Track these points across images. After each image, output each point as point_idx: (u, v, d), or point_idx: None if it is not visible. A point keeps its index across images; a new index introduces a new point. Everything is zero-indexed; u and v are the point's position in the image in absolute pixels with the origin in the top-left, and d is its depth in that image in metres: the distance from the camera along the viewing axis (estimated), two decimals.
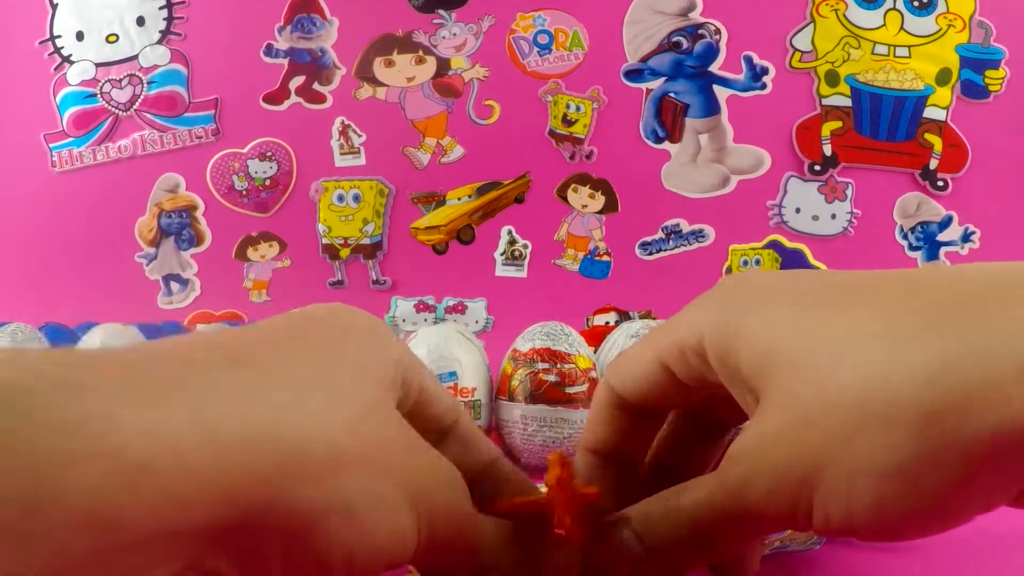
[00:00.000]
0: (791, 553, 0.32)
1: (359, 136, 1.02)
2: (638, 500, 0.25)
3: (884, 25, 0.98)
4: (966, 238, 0.98)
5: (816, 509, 0.20)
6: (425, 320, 0.98)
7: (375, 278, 1.02)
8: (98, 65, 1.04)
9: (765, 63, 0.99)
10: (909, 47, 0.98)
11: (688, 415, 0.28)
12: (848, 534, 0.20)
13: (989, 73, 0.98)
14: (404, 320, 0.99)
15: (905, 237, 0.99)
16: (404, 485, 0.21)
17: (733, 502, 0.22)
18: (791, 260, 0.98)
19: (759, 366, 0.22)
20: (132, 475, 0.16)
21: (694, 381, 0.25)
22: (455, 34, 1.02)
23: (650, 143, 1.00)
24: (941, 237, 0.98)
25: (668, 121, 1.00)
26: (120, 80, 1.04)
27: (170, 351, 0.19)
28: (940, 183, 0.98)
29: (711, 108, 1.00)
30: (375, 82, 1.03)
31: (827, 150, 0.99)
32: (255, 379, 0.19)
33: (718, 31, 1.00)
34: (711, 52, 1.00)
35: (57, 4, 1.05)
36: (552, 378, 0.48)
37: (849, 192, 0.99)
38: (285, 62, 1.03)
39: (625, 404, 0.27)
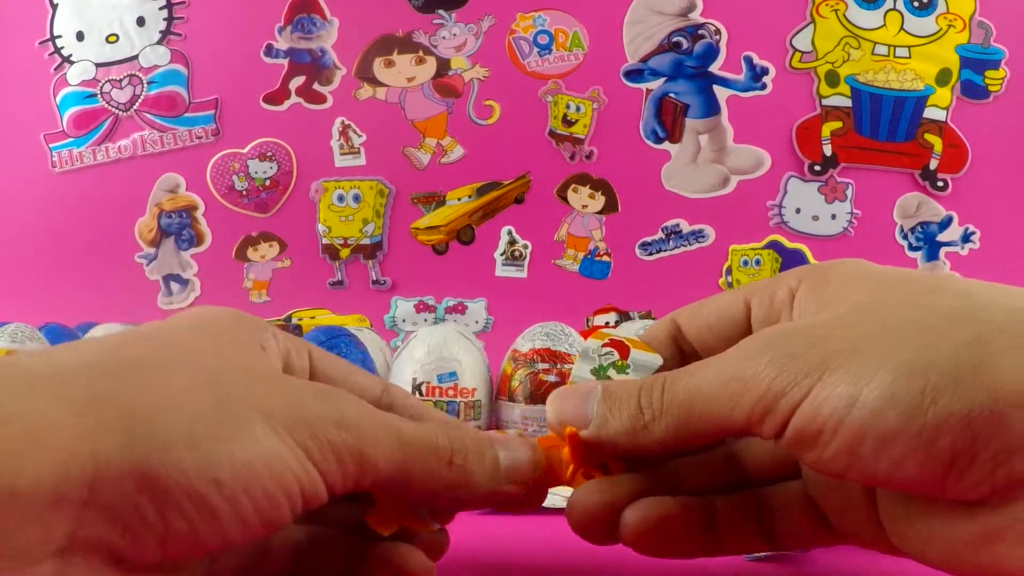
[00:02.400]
0: (791, 554, 0.32)
1: (359, 136, 1.02)
2: None
3: (884, 25, 0.98)
4: (966, 238, 0.98)
5: (823, 391, 0.21)
6: (425, 320, 0.98)
7: (375, 278, 1.02)
8: (98, 65, 1.04)
9: (765, 63, 0.99)
10: (909, 47, 0.98)
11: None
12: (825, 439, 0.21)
13: (989, 73, 0.98)
14: (404, 320, 0.99)
15: (905, 237, 0.99)
16: (288, 430, 0.22)
17: (731, 379, 0.23)
18: (791, 260, 0.98)
19: (831, 300, 0.24)
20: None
21: (764, 319, 0.27)
22: (455, 34, 1.02)
23: (650, 143, 1.00)
24: (941, 237, 0.98)
25: (668, 121, 1.00)
26: (120, 80, 1.04)
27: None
28: (940, 183, 0.98)
29: (711, 108, 1.00)
30: (375, 82, 1.03)
31: (827, 150, 0.99)
32: (141, 372, 0.22)
33: (718, 31, 1.00)
34: (711, 52, 1.00)
35: (57, 4, 1.05)
36: (552, 378, 0.48)
37: (849, 192, 0.99)
38: (285, 62, 1.03)
39: (680, 338, 0.29)
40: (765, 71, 0.99)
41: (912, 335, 0.21)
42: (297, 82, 1.03)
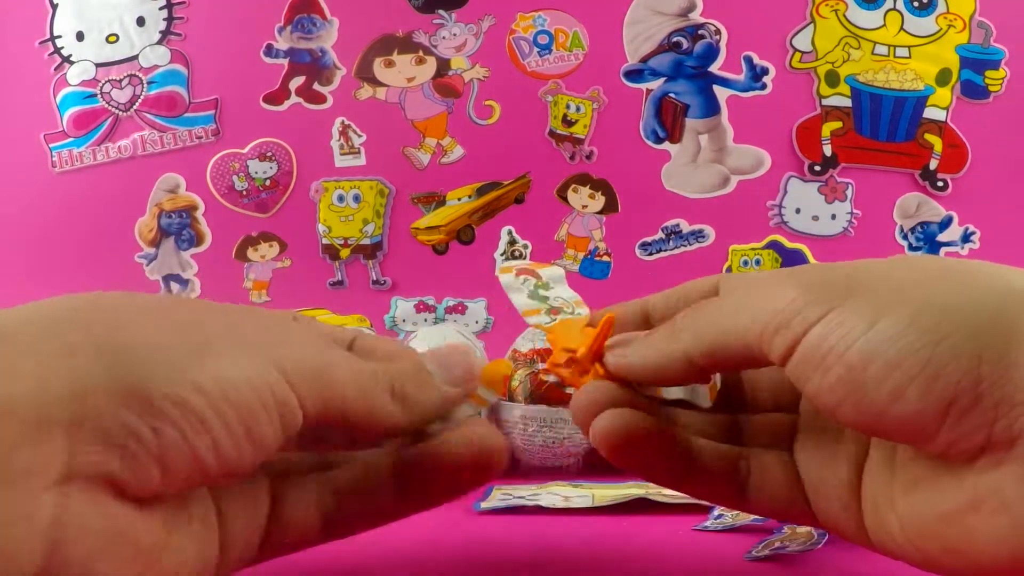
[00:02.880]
0: (791, 554, 0.32)
1: (359, 136, 1.02)
2: None
3: (884, 25, 0.99)
4: (966, 238, 0.98)
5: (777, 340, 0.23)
6: (425, 320, 0.98)
7: (375, 278, 1.02)
8: (98, 65, 1.04)
9: (765, 63, 0.99)
10: (909, 47, 0.98)
11: None
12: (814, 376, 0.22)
13: (989, 73, 0.98)
14: (404, 320, 0.99)
15: (905, 237, 0.99)
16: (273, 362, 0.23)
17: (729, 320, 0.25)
18: (791, 260, 0.98)
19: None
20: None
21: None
22: (455, 34, 1.02)
23: (650, 143, 1.00)
24: (941, 237, 0.98)
25: (668, 121, 1.00)
26: (120, 80, 1.04)
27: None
28: (940, 183, 0.98)
29: (711, 108, 1.00)
30: (375, 82, 1.03)
31: (827, 150, 0.99)
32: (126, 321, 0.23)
33: (718, 31, 1.00)
34: (711, 52, 1.00)
35: (57, 4, 1.05)
36: (552, 378, 0.48)
37: (849, 192, 0.99)
38: (285, 62, 1.03)
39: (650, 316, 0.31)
40: (765, 71, 0.99)
41: (940, 283, 0.22)
42: (297, 82, 1.03)
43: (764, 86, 0.99)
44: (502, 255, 1.01)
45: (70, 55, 1.05)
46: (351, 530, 0.28)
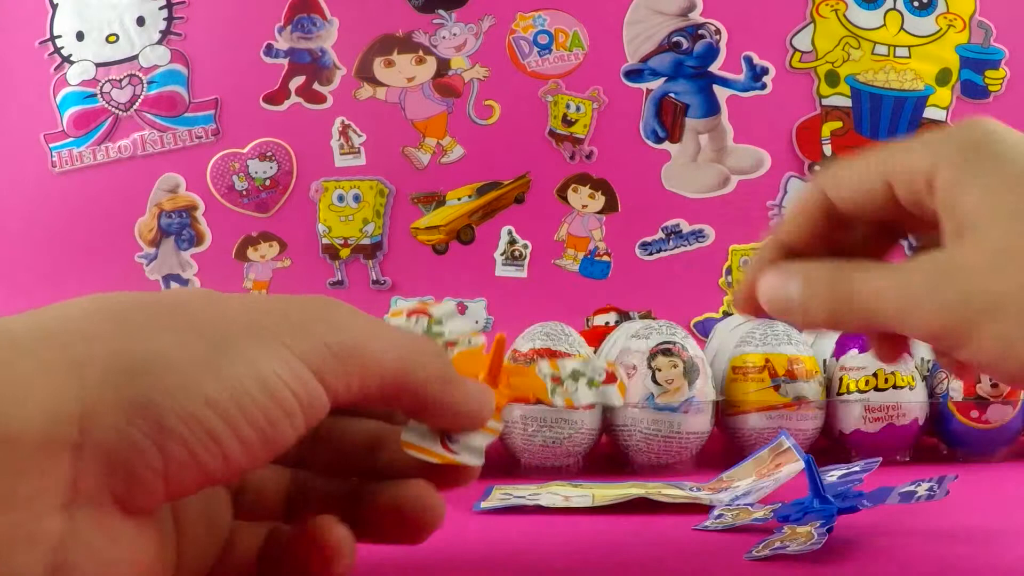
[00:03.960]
0: (791, 554, 0.32)
1: (359, 136, 1.02)
2: None
3: (884, 25, 0.98)
4: None
5: (980, 341, 0.23)
6: None
7: (375, 278, 1.02)
8: (98, 65, 1.04)
9: (765, 63, 0.99)
10: (909, 47, 0.98)
11: (877, 225, 0.31)
12: (990, 373, 0.25)
13: (989, 73, 0.98)
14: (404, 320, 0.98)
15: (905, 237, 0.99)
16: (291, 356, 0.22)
17: (905, 305, 0.25)
18: None
19: (980, 215, 0.25)
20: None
21: (911, 203, 0.28)
22: (455, 34, 1.02)
23: (650, 143, 1.00)
24: None
25: (668, 121, 1.00)
26: (120, 80, 1.04)
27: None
28: None
29: (711, 108, 1.00)
30: (375, 82, 1.03)
31: (827, 150, 0.99)
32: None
33: (718, 31, 1.00)
34: (711, 52, 1.00)
35: (57, 4, 1.05)
36: None
37: None
38: (285, 62, 1.03)
39: (829, 209, 0.30)
40: (765, 71, 0.99)
41: None
42: (297, 82, 1.03)
43: (764, 86, 0.99)
44: (502, 255, 1.01)
45: (70, 55, 1.05)
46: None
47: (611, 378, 0.32)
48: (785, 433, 0.47)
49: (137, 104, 1.04)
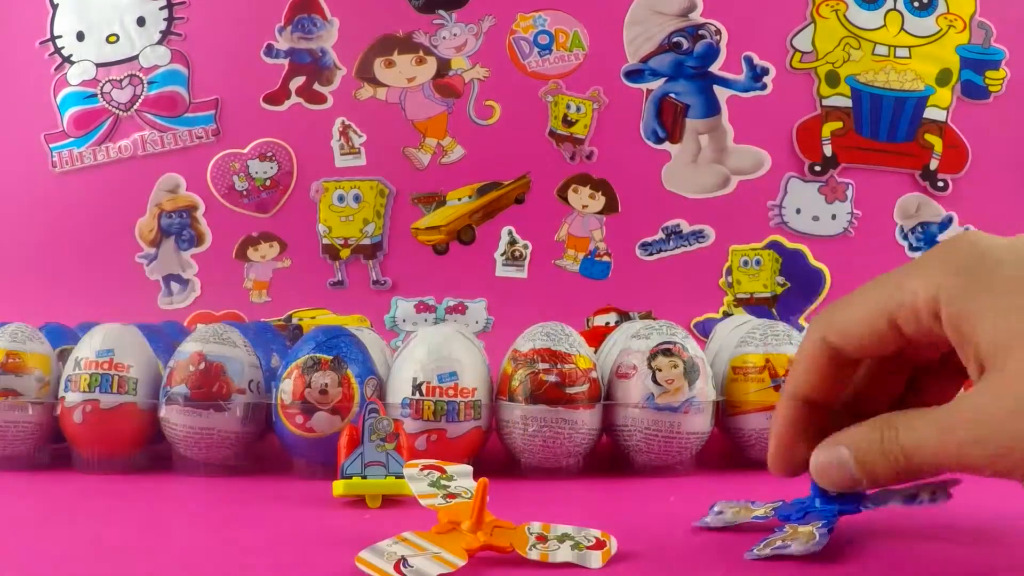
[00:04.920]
0: (792, 554, 0.32)
1: (359, 136, 1.02)
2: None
3: (884, 26, 0.98)
4: None
5: None
6: (425, 320, 0.98)
7: (375, 278, 1.02)
8: (98, 65, 1.04)
9: (765, 63, 0.99)
10: (909, 48, 0.98)
11: (886, 357, 0.31)
12: None
13: (989, 74, 0.98)
14: (404, 320, 0.99)
15: (905, 238, 0.99)
16: None
17: (955, 451, 0.26)
18: (791, 260, 0.98)
19: (997, 346, 0.25)
20: None
21: (920, 336, 0.28)
22: (455, 34, 1.02)
23: (650, 143, 1.00)
24: (941, 238, 0.98)
25: (668, 121, 1.00)
26: (120, 80, 1.04)
27: None
28: (940, 183, 0.98)
29: (711, 108, 1.00)
30: (375, 82, 1.03)
31: (827, 151, 0.99)
32: None
33: (718, 32, 1.00)
34: (711, 52, 1.00)
35: (57, 4, 1.05)
36: (552, 378, 0.48)
37: (849, 193, 0.99)
38: (285, 62, 1.03)
39: (836, 354, 0.30)
40: (765, 71, 0.99)
41: None
42: (297, 82, 1.03)
43: (764, 86, 0.99)
44: (502, 255, 1.01)
45: (70, 55, 1.05)
46: None
47: (599, 545, 0.33)
48: None
49: (137, 104, 1.04)
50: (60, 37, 1.05)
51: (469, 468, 0.38)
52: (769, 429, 0.33)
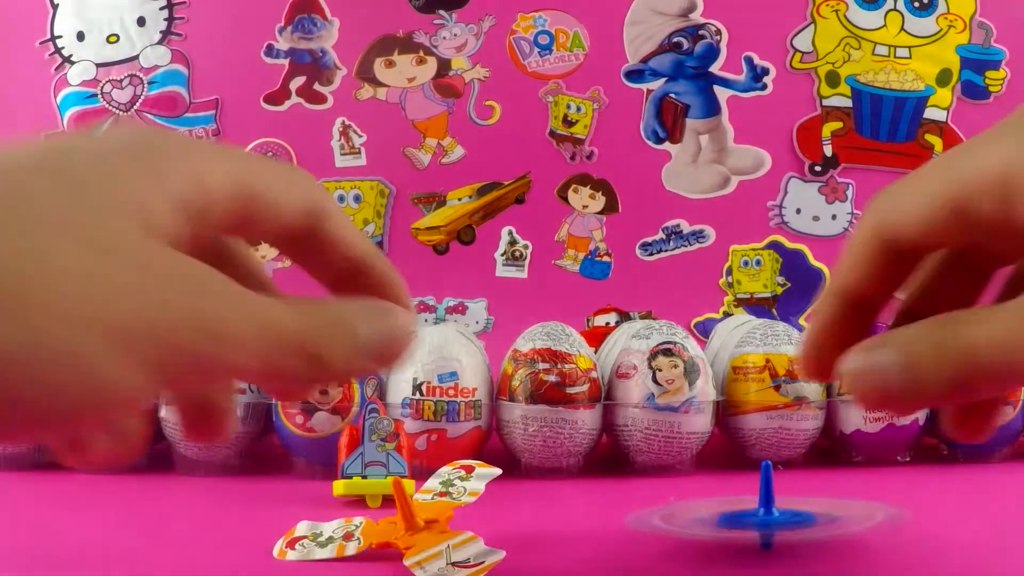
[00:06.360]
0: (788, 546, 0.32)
1: (360, 136, 1.02)
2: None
3: (885, 26, 0.98)
4: None
5: None
6: (426, 320, 0.98)
7: None
8: (99, 65, 1.04)
9: (766, 64, 0.99)
10: (909, 48, 0.98)
11: (955, 252, 0.27)
12: None
13: (989, 74, 0.98)
14: None
15: None
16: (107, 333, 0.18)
17: None
18: (792, 260, 0.98)
19: None
20: None
21: (992, 223, 0.23)
22: (456, 35, 1.02)
23: (650, 144, 1.00)
24: None
25: (668, 122, 1.00)
26: (121, 80, 1.04)
27: None
28: None
29: (712, 109, 1.00)
30: (376, 82, 1.03)
31: (828, 151, 0.99)
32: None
33: (719, 32, 1.00)
34: (712, 53, 1.00)
35: (57, 4, 1.05)
36: (553, 378, 0.48)
37: (850, 193, 0.99)
38: (286, 62, 1.03)
39: (891, 244, 0.25)
40: (766, 71, 0.99)
41: None
42: (297, 82, 1.03)
43: (764, 86, 0.99)
44: (502, 255, 1.01)
45: (71, 55, 1.05)
46: None
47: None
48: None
49: (138, 104, 1.04)
50: (60, 37, 1.05)
51: (495, 471, 0.38)
52: (804, 333, 0.27)
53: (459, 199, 1.01)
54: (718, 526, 0.33)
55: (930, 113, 0.98)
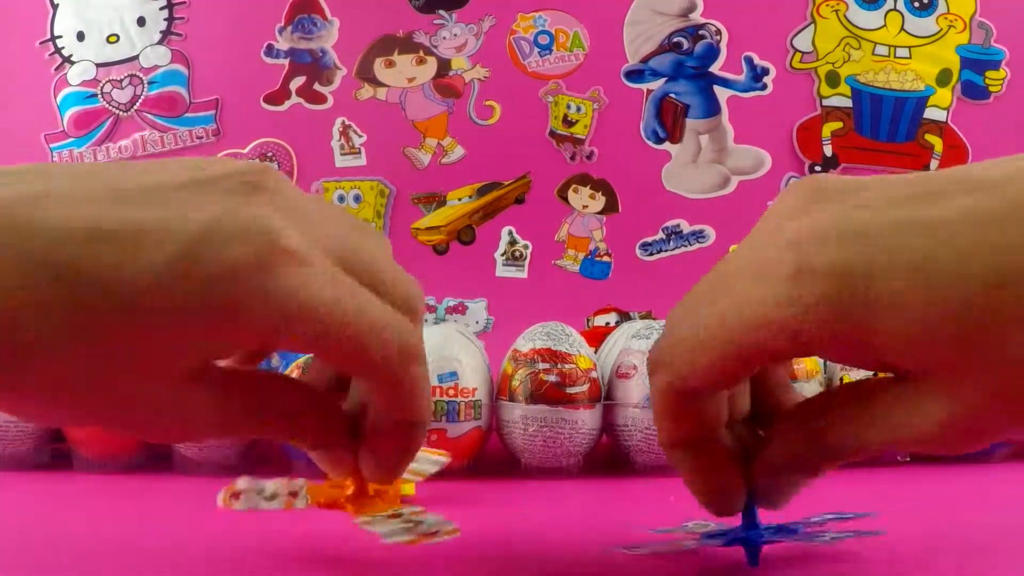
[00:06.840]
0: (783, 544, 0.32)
1: (360, 136, 1.02)
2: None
3: (885, 26, 0.99)
4: None
5: None
6: (425, 320, 0.98)
7: None
8: (99, 65, 1.04)
9: (766, 64, 0.99)
10: (909, 48, 0.98)
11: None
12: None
13: (989, 74, 0.98)
14: None
15: None
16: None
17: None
18: None
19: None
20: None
21: (780, 355, 0.26)
22: (456, 35, 1.02)
23: (651, 144, 1.00)
24: None
25: (669, 122, 1.00)
26: (121, 80, 1.04)
27: None
28: None
29: (712, 109, 1.00)
30: (376, 82, 1.03)
31: (828, 151, 0.99)
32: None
33: (719, 32, 1.00)
34: (712, 53, 1.00)
35: (57, 4, 1.05)
36: (553, 378, 0.48)
37: None
38: (286, 62, 1.03)
39: (690, 395, 0.27)
40: (766, 71, 0.99)
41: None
42: (297, 82, 1.03)
43: (764, 86, 0.99)
44: (502, 255, 1.01)
45: (71, 55, 1.05)
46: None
47: (428, 536, 0.32)
48: None
49: (138, 104, 1.04)
50: (60, 37, 1.05)
51: (447, 459, 0.39)
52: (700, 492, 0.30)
53: (459, 199, 1.01)
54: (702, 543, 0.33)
55: (930, 113, 0.98)
